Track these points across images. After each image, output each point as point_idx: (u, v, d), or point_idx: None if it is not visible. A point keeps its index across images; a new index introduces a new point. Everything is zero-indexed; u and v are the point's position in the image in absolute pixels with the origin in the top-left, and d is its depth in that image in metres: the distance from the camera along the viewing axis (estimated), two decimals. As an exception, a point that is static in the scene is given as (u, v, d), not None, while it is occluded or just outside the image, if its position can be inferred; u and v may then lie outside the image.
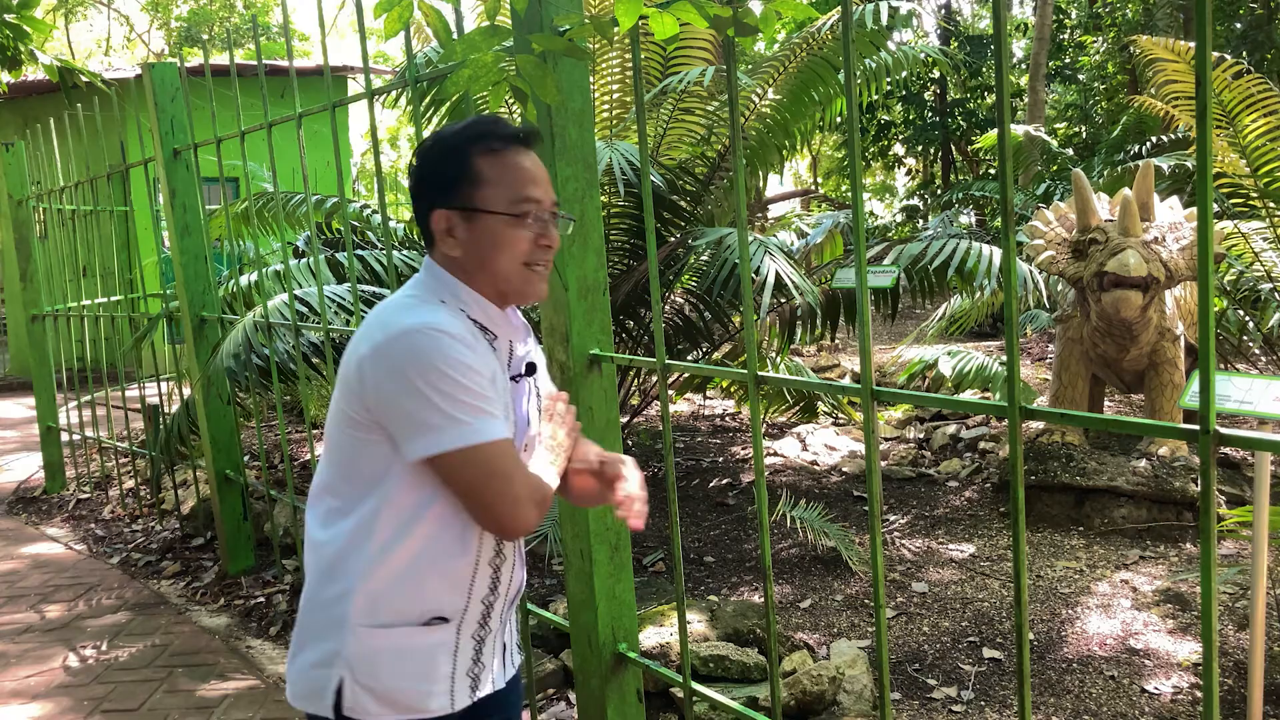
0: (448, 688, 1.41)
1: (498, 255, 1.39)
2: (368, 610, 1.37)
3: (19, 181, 6.01)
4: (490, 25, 1.64)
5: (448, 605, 1.40)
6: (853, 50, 1.44)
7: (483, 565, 1.43)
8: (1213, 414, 1.11)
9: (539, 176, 1.42)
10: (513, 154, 1.41)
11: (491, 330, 1.42)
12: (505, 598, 1.48)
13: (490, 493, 1.32)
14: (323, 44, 2.74)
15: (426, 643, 1.39)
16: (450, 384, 1.29)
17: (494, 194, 1.39)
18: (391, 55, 21.94)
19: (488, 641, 1.47)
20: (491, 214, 1.39)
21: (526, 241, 1.40)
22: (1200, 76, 1.05)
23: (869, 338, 1.49)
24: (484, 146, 1.39)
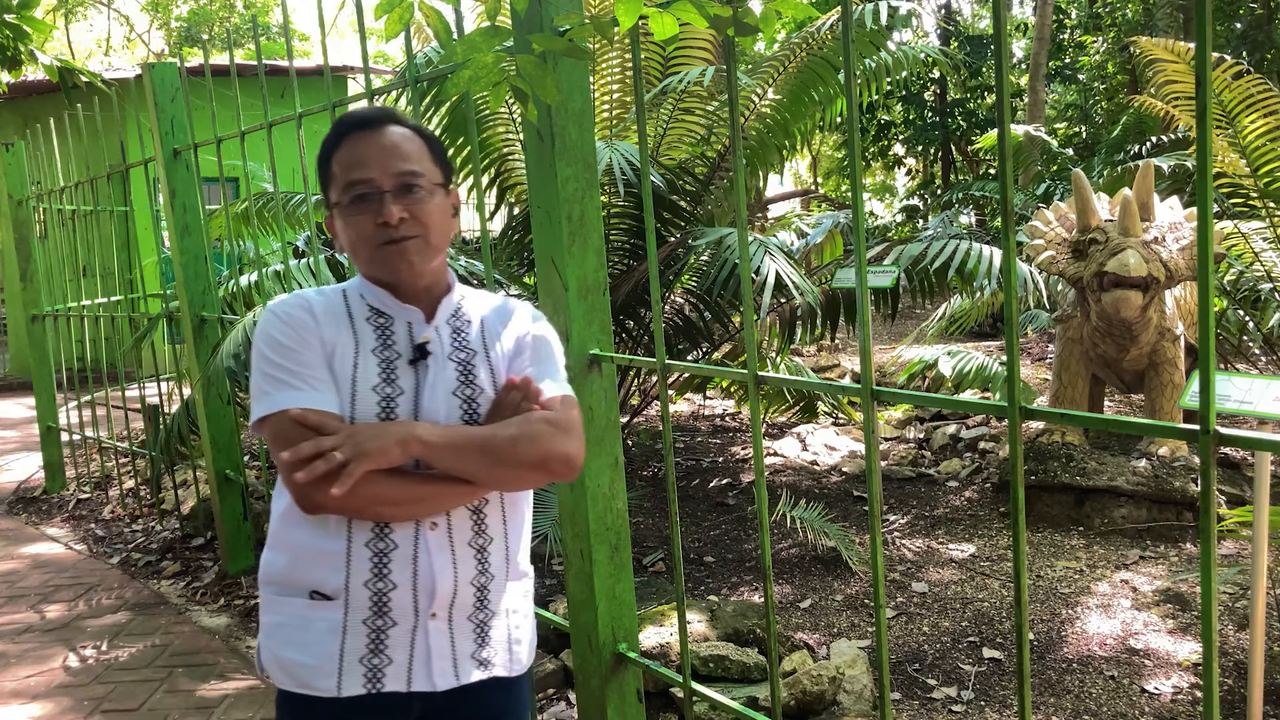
0: (334, 668, 1.39)
1: (350, 244, 1.44)
2: (269, 578, 1.46)
3: (19, 181, 6.01)
4: (490, 26, 1.64)
5: (326, 582, 1.39)
6: (853, 50, 1.44)
7: (358, 547, 1.38)
8: (1213, 414, 1.11)
9: (368, 157, 1.41)
10: (350, 141, 1.43)
11: (386, 313, 1.46)
12: (415, 593, 1.40)
13: (278, 460, 1.34)
14: (323, 44, 2.74)
15: (311, 617, 1.40)
16: (261, 360, 1.40)
17: (336, 187, 1.44)
18: (392, 55, 21.95)
19: (393, 635, 1.40)
20: (336, 206, 1.44)
21: (368, 225, 1.41)
22: (1200, 77, 1.05)
23: (869, 338, 1.49)
24: (335, 143, 1.45)
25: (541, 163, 2.00)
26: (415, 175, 1.43)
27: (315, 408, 1.36)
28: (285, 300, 1.45)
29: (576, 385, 2.03)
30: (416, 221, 1.42)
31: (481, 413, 1.45)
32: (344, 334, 1.43)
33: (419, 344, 1.45)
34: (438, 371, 1.45)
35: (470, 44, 1.43)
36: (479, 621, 1.47)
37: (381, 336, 1.45)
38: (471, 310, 1.53)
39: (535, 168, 2.02)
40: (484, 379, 1.47)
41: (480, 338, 1.51)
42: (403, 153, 1.43)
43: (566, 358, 2.04)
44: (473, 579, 1.44)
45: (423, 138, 1.48)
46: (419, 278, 1.45)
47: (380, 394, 1.40)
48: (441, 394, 1.43)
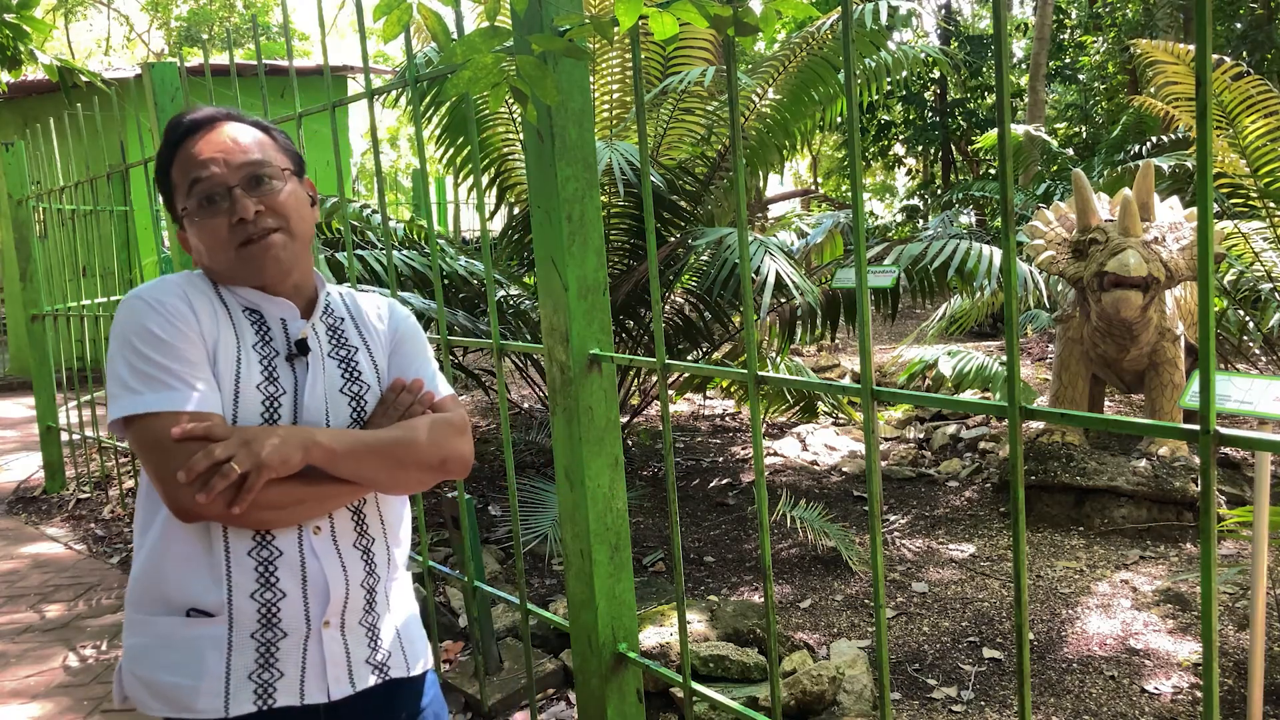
0: (220, 688, 1.30)
1: (207, 250, 1.35)
2: (136, 598, 1.37)
3: (19, 181, 6.01)
4: (490, 26, 1.64)
5: (205, 598, 1.30)
6: (853, 50, 1.44)
7: (239, 556, 1.30)
8: (1213, 414, 1.11)
9: (210, 154, 1.33)
10: (186, 145, 1.36)
11: (256, 309, 1.38)
12: (307, 601, 1.33)
13: (150, 468, 1.25)
14: (323, 44, 2.74)
15: (190, 636, 1.31)
16: (130, 351, 1.28)
17: (180, 195, 1.36)
18: (391, 55, 21.95)
19: (284, 647, 1.32)
20: (184, 215, 1.35)
21: (221, 226, 1.32)
22: (1200, 77, 1.05)
23: (869, 338, 1.49)
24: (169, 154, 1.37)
25: (541, 163, 2.00)
26: (261, 165, 1.35)
27: (197, 409, 1.26)
28: (155, 287, 1.33)
29: (576, 385, 2.03)
30: (274, 213, 1.34)
31: (368, 409, 1.41)
32: (224, 327, 1.34)
33: (298, 340, 1.38)
34: (317, 369, 1.39)
35: (469, 44, 1.43)
36: (369, 625, 1.41)
37: (259, 332, 1.37)
38: (341, 307, 1.48)
39: (535, 168, 2.02)
40: (369, 375, 1.43)
41: (359, 334, 1.46)
42: (243, 146, 1.36)
43: (566, 357, 2.04)
44: (362, 581, 1.39)
45: (262, 129, 1.41)
46: (287, 274, 1.37)
47: (264, 393, 1.33)
48: (325, 392, 1.38)
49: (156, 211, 5.21)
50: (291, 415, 1.35)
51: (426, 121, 5.13)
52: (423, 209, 12.15)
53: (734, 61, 1.62)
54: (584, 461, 2.03)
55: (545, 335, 2.09)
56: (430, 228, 2.55)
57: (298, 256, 1.38)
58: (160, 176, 1.39)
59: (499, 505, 4.94)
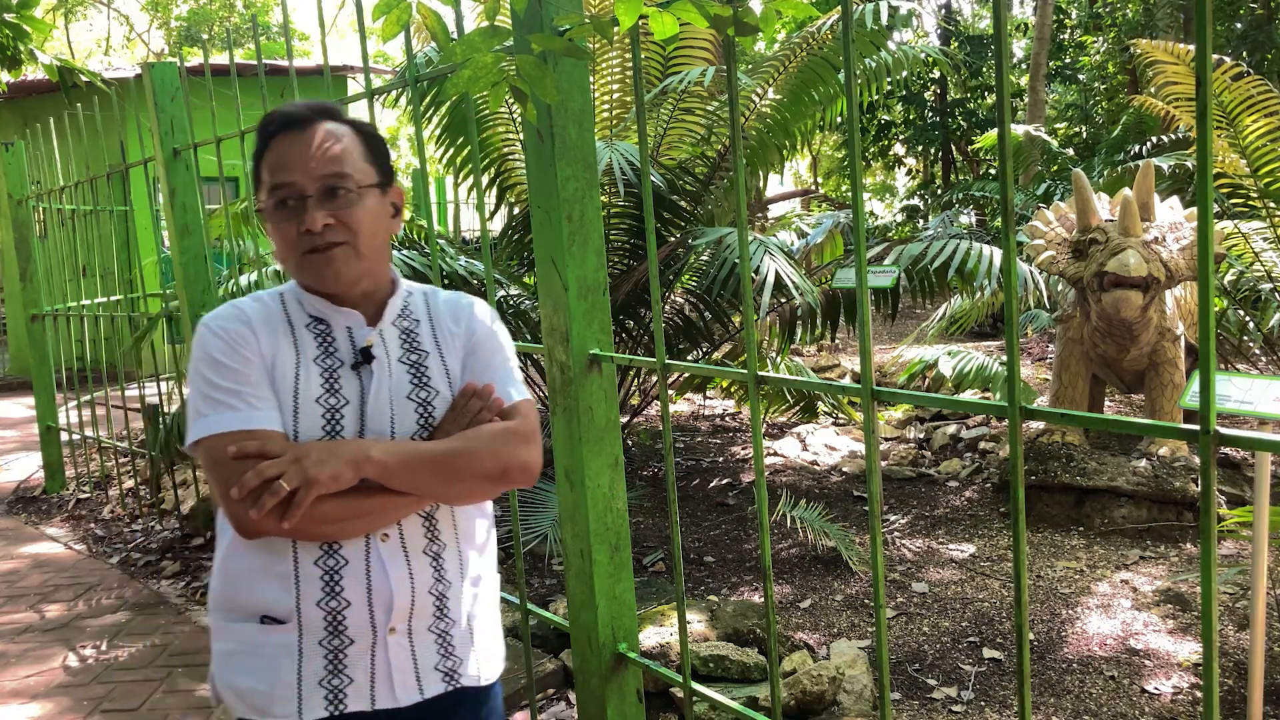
0: (293, 694, 1.33)
1: (279, 251, 1.38)
2: (216, 604, 1.41)
3: (19, 181, 6.01)
4: (490, 26, 1.64)
5: (276, 606, 1.34)
6: (853, 50, 1.44)
7: (306, 566, 1.33)
8: (1213, 414, 1.11)
9: (294, 159, 1.34)
10: (276, 142, 1.36)
11: (324, 319, 1.40)
12: (371, 609, 1.34)
13: (215, 486, 1.29)
14: (323, 44, 2.74)
15: (265, 643, 1.35)
16: (199, 379, 1.33)
17: (263, 191, 1.37)
18: (391, 55, 21.94)
19: (351, 654, 1.35)
20: (263, 211, 1.38)
21: (291, 231, 1.34)
22: (1200, 77, 1.05)
23: (869, 338, 1.49)
24: (262, 147, 1.38)
25: (541, 163, 2.00)
26: (341, 177, 1.35)
27: (255, 428, 1.29)
28: (220, 314, 1.38)
29: (576, 385, 2.03)
30: (343, 227, 1.34)
31: (437, 416, 1.39)
32: (284, 343, 1.36)
33: (363, 348, 1.38)
34: (383, 377, 1.38)
35: (469, 44, 1.43)
36: (440, 631, 1.41)
37: (322, 344, 1.38)
38: (420, 309, 1.47)
39: (535, 168, 2.02)
40: (439, 380, 1.41)
41: (433, 337, 1.44)
42: (329, 154, 1.35)
43: (566, 357, 2.04)
44: (430, 587, 1.39)
45: (358, 133, 1.40)
46: (350, 285, 1.38)
47: (324, 405, 1.34)
48: (391, 399, 1.37)
49: (157, 211, 5.20)
50: (356, 426, 1.35)
51: (426, 121, 5.13)
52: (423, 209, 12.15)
53: (734, 61, 1.62)
54: (584, 461, 2.03)
55: (545, 335, 2.09)
56: (430, 228, 2.55)
57: (365, 270, 1.38)
58: (254, 165, 1.40)
59: (499, 505, 4.95)
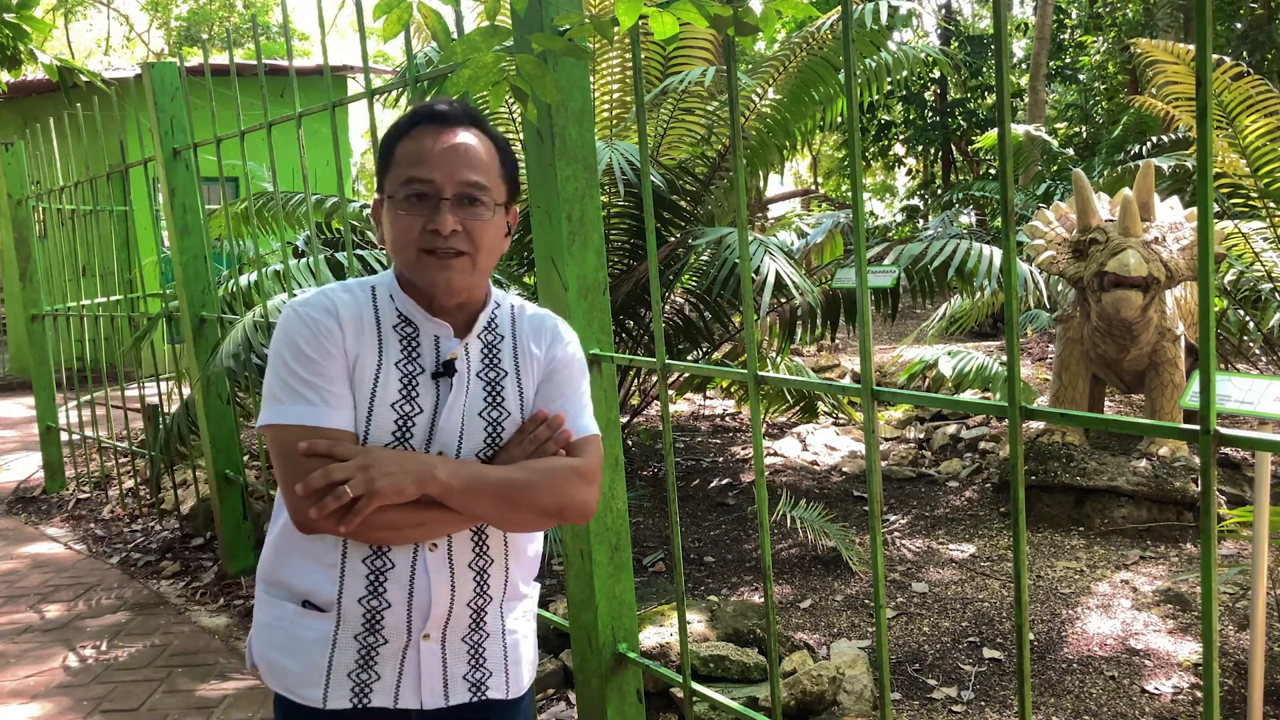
0: (321, 680, 1.36)
1: (392, 241, 1.35)
2: (264, 574, 1.44)
3: (19, 181, 6.01)
4: (490, 25, 1.64)
5: (318, 594, 1.36)
6: (853, 50, 1.44)
7: (354, 563, 1.34)
8: (1213, 414, 1.11)
9: (438, 156, 1.31)
10: (420, 133, 1.34)
11: (413, 323, 1.38)
12: (410, 613, 1.36)
13: (279, 475, 1.30)
14: (323, 44, 2.74)
15: (303, 625, 1.37)
16: (280, 362, 1.33)
17: (393, 178, 1.35)
18: (391, 55, 21.95)
19: (384, 652, 1.36)
20: (388, 198, 1.35)
21: (414, 226, 1.31)
22: (1200, 76, 1.05)
23: (869, 338, 1.49)
24: (405, 130, 1.36)
25: (541, 162, 2.00)
26: (480, 188, 1.33)
27: (327, 425, 1.29)
28: (310, 301, 1.35)
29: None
30: (469, 238, 1.33)
31: (505, 436, 1.39)
32: (368, 343, 1.35)
33: (446, 360, 1.37)
34: (460, 390, 1.37)
35: (470, 44, 1.43)
36: (474, 643, 1.42)
37: (407, 348, 1.37)
38: (505, 324, 1.45)
39: (535, 167, 2.02)
40: (512, 402, 1.41)
41: (513, 356, 1.43)
42: (473, 161, 1.33)
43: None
44: (470, 600, 1.40)
45: (498, 148, 1.38)
46: (454, 295, 1.36)
47: (399, 411, 1.33)
48: (464, 414, 1.37)
49: (156, 211, 5.20)
50: (426, 435, 1.35)
51: (426, 121, 5.12)
52: (423, 209, 12.13)
53: (734, 61, 1.62)
54: (584, 461, 2.03)
55: (545, 335, 2.09)
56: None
57: (474, 284, 1.37)
58: (385, 147, 1.37)
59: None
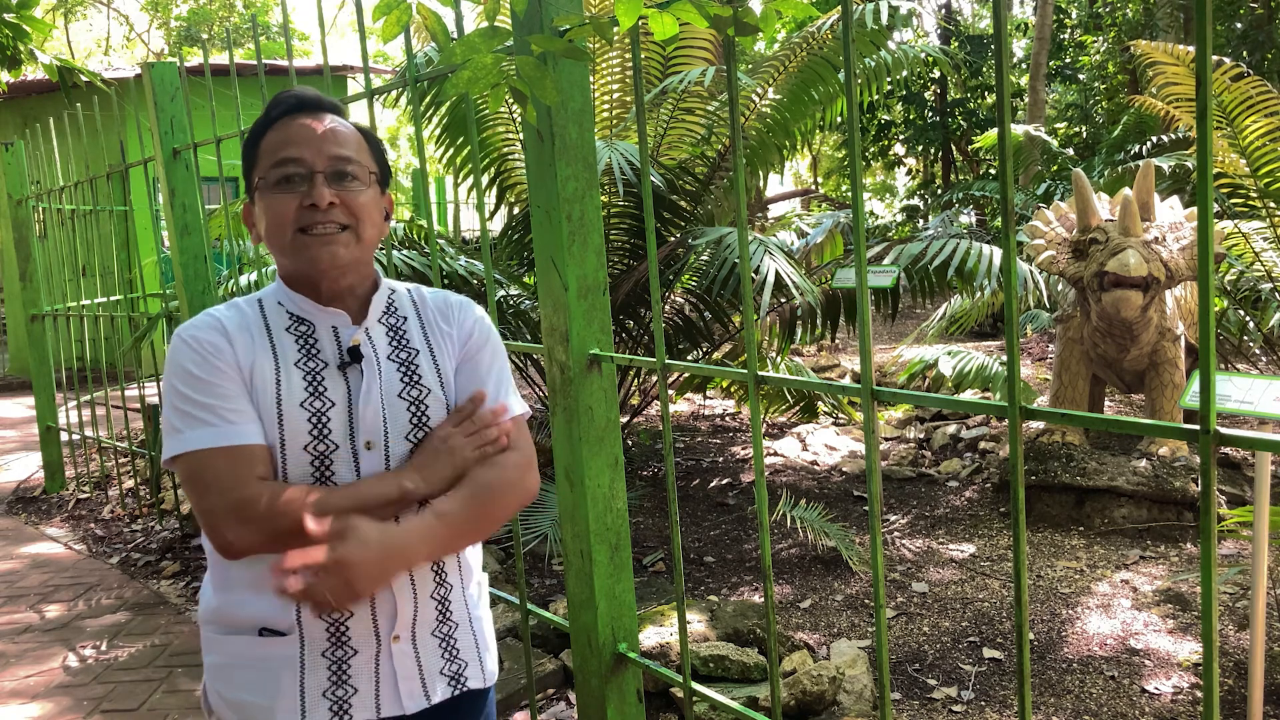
0: (296, 706, 1.31)
1: (268, 229, 1.32)
2: (209, 616, 1.38)
3: (19, 181, 6.01)
4: (490, 26, 1.64)
5: (276, 620, 1.31)
6: (853, 50, 1.44)
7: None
8: (1213, 414, 1.11)
9: (304, 137, 1.31)
10: (285, 122, 1.33)
11: (307, 320, 1.36)
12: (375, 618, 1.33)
13: (194, 504, 1.26)
14: (322, 44, 2.74)
15: (263, 655, 1.32)
16: (173, 392, 1.29)
17: (261, 167, 1.33)
18: (391, 55, 21.95)
19: (355, 664, 1.33)
20: (258, 187, 1.33)
21: (290, 206, 1.29)
22: (1200, 76, 1.05)
23: (869, 338, 1.49)
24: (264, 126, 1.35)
25: (541, 163, 2.00)
26: (350, 161, 1.33)
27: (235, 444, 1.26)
28: (194, 323, 1.33)
29: (576, 385, 2.03)
30: (347, 210, 1.31)
31: (430, 414, 1.37)
32: (261, 350, 1.32)
33: (350, 347, 1.35)
34: (373, 376, 1.35)
35: (469, 45, 1.43)
36: (444, 635, 1.40)
37: (304, 346, 1.34)
38: (406, 306, 1.43)
39: (535, 167, 2.02)
40: (430, 379, 1.38)
41: (422, 335, 1.41)
42: (340, 138, 1.33)
43: (566, 357, 2.04)
44: (432, 592, 1.38)
45: (361, 132, 1.39)
46: (342, 272, 1.33)
47: (309, 409, 1.30)
48: (383, 398, 1.34)
49: (156, 211, 5.20)
50: (346, 428, 1.31)
51: (426, 121, 5.13)
52: (422, 209, 12.15)
53: (734, 61, 1.62)
54: (584, 461, 2.03)
55: (545, 335, 2.09)
56: (430, 228, 2.55)
57: (357, 260, 1.35)
58: (249, 145, 1.36)
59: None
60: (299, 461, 1.29)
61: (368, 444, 1.32)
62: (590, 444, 2.04)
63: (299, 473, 1.30)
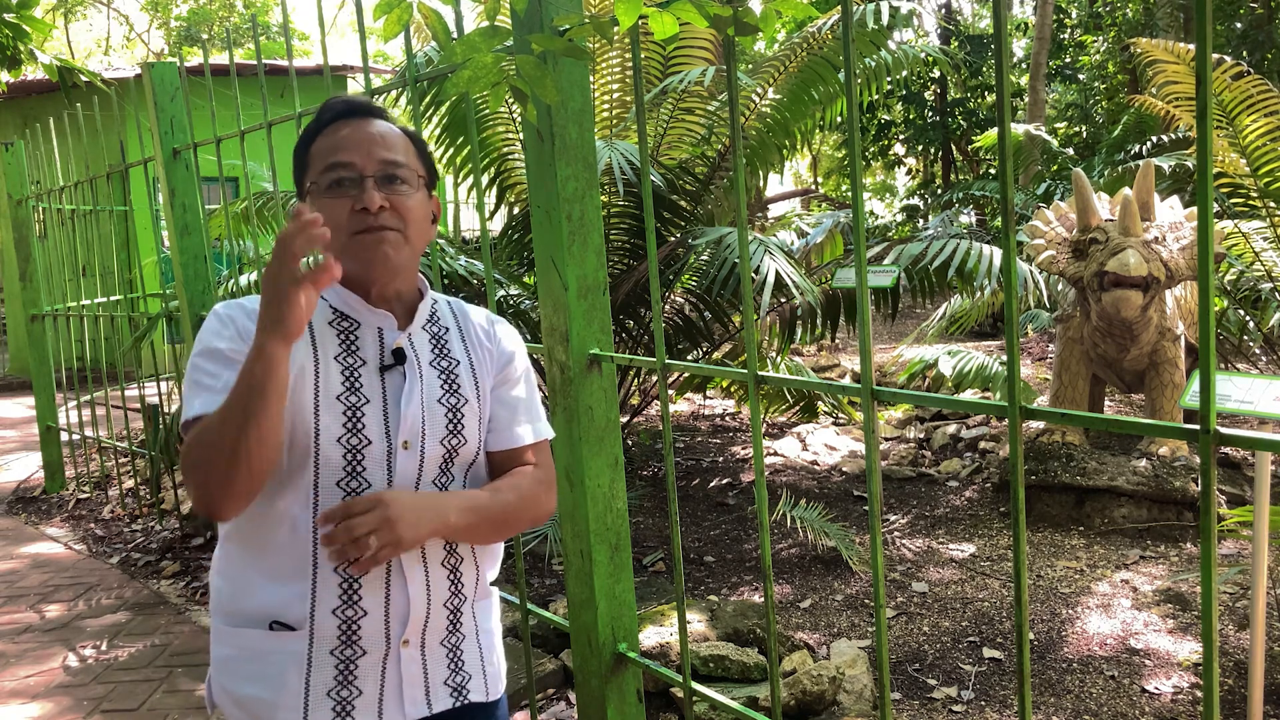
0: (299, 704, 1.31)
1: None
2: (219, 607, 1.38)
3: (19, 181, 6.01)
4: (490, 26, 1.64)
5: (288, 612, 1.31)
6: (853, 50, 1.44)
7: (325, 573, 1.30)
8: (1213, 414, 1.11)
9: (354, 141, 1.34)
10: (332, 129, 1.37)
11: (352, 317, 1.37)
12: (388, 619, 1.34)
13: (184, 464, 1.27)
14: (322, 43, 2.74)
15: (271, 649, 1.32)
16: (193, 365, 1.32)
17: (312, 172, 1.36)
18: (391, 55, 21.95)
19: (363, 665, 1.33)
20: (310, 191, 1.36)
21: (342, 210, 1.32)
22: (1200, 76, 1.05)
23: (869, 337, 1.49)
24: (315, 132, 1.38)
25: (541, 162, 2.00)
26: (400, 165, 1.36)
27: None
28: (231, 303, 1.36)
29: (576, 385, 2.03)
30: (397, 213, 1.34)
31: (465, 423, 1.39)
32: (301, 343, 1.32)
33: (395, 349, 1.37)
34: (414, 379, 1.37)
35: (469, 44, 1.42)
36: (451, 645, 1.41)
37: (345, 342, 1.36)
38: (448, 317, 1.46)
39: (535, 167, 2.02)
40: (468, 389, 1.41)
41: (463, 346, 1.44)
42: (389, 143, 1.37)
43: (566, 357, 2.04)
44: (446, 600, 1.39)
45: (409, 136, 1.42)
46: (393, 275, 1.36)
47: (345, 403, 1.32)
48: (421, 402, 1.36)
49: (156, 211, 5.20)
50: (381, 425, 1.33)
51: (426, 121, 5.13)
52: (423, 209, 12.11)
53: (734, 61, 1.61)
54: (584, 461, 2.03)
55: (545, 335, 2.09)
56: (430, 227, 2.54)
57: (407, 263, 1.37)
58: (300, 150, 1.39)
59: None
60: (331, 454, 1.30)
61: (405, 444, 1.34)
62: (590, 444, 2.04)
63: (330, 465, 1.30)
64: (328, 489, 1.31)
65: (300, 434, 1.30)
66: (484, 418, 1.43)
